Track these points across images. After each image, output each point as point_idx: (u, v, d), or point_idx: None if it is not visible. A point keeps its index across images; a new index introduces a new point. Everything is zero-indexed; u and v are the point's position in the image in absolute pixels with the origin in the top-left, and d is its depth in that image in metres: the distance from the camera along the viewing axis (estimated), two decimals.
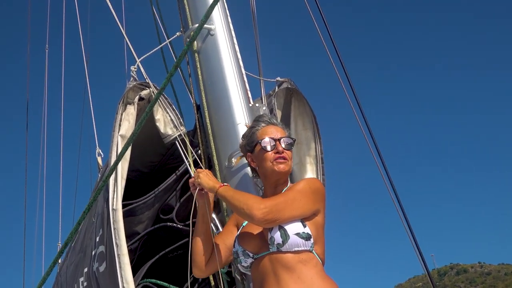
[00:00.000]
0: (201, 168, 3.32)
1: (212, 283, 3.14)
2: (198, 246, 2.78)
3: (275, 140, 2.74)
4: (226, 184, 2.74)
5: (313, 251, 2.56)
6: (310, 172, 3.73)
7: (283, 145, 2.73)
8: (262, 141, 2.74)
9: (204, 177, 2.76)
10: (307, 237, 2.53)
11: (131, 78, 3.59)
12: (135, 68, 3.62)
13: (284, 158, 2.72)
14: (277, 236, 2.53)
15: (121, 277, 3.03)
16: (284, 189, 2.75)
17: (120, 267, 3.04)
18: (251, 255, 2.64)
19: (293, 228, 2.53)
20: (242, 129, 3.19)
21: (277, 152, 2.72)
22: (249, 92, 3.40)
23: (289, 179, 2.86)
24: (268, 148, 2.72)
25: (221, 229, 3.01)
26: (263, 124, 2.83)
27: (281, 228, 2.53)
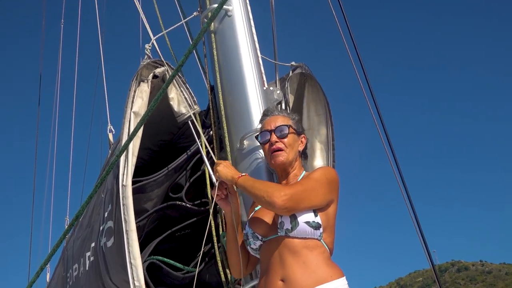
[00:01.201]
0: (212, 148, 3.32)
1: (219, 263, 3.15)
2: (231, 254, 2.86)
3: (269, 131, 2.78)
4: (245, 174, 2.72)
5: (321, 240, 2.58)
6: (320, 158, 3.72)
7: (277, 135, 2.75)
8: (259, 136, 2.85)
9: (223, 168, 2.75)
10: (316, 226, 2.55)
11: (146, 56, 3.58)
12: (149, 46, 3.61)
13: (279, 149, 2.74)
14: (287, 221, 2.55)
15: (129, 252, 3.04)
16: (300, 177, 2.76)
17: (128, 243, 3.05)
18: (260, 237, 2.68)
19: (304, 217, 2.55)
20: (255, 112, 3.19)
21: (271, 144, 2.76)
22: (263, 75, 3.39)
23: (303, 164, 2.89)
24: (263, 141, 2.82)
25: None
26: (266, 118, 2.87)
27: (292, 215, 2.54)
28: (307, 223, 2.53)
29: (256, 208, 2.80)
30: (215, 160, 3.28)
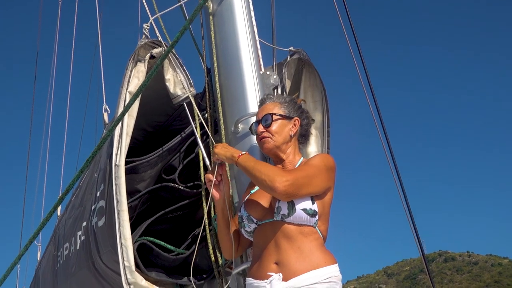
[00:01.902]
0: (207, 131, 3.31)
1: (210, 246, 3.16)
2: (222, 239, 2.89)
3: (257, 122, 2.85)
4: (245, 152, 2.71)
5: (316, 227, 2.60)
6: (315, 145, 3.73)
7: (263, 124, 2.80)
8: (251, 127, 2.95)
9: (222, 148, 2.76)
10: (312, 214, 2.57)
11: (143, 36, 3.55)
12: (147, 25, 3.57)
13: (264, 137, 2.79)
14: (284, 207, 2.57)
15: (120, 232, 3.03)
16: (298, 164, 2.78)
17: (119, 223, 3.04)
18: (255, 220, 2.69)
19: (302, 204, 2.56)
20: (251, 95, 3.18)
21: (258, 134, 2.83)
22: (261, 60, 3.38)
23: (300, 148, 2.91)
24: (253, 132, 2.91)
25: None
26: (258, 109, 2.95)
27: (290, 201, 2.56)
28: (304, 210, 2.55)
29: (252, 191, 2.82)
30: (210, 142, 3.28)
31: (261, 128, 2.80)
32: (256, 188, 2.81)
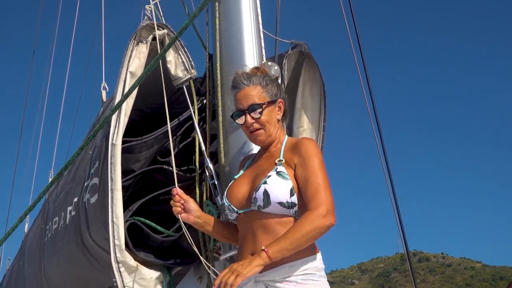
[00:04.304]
0: (205, 117, 3.33)
1: (200, 232, 3.18)
2: (216, 235, 2.88)
3: (243, 112, 2.68)
4: (265, 249, 2.38)
5: (296, 217, 2.52)
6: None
7: (251, 115, 2.66)
8: (234, 115, 2.73)
9: (246, 267, 2.34)
10: (290, 206, 2.50)
11: (145, 17, 3.55)
12: (150, 7, 3.57)
13: (256, 129, 2.67)
14: (260, 198, 2.51)
15: (112, 211, 3.05)
16: (283, 145, 2.68)
17: (112, 201, 3.06)
18: (235, 210, 2.66)
19: (277, 196, 2.49)
20: None
21: (247, 126, 2.68)
22: (263, 50, 3.39)
23: (284, 125, 2.85)
24: (238, 122, 2.71)
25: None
26: (236, 91, 2.74)
27: (265, 193, 2.50)
28: (280, 203, 2.49)
29: (236, 176, 2.79)
30: (207, 128, 3.30)
31: (250, 119, 2.65)
32: (240, 173, 2.79)
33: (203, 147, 3.26)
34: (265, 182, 2.51)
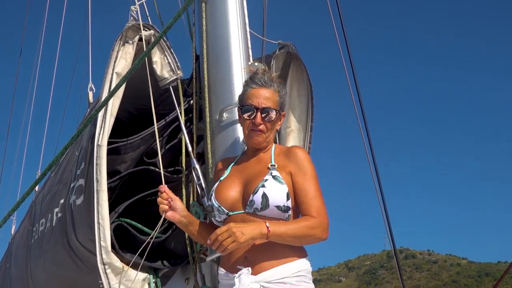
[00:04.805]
0: (191, 118, 3.32)
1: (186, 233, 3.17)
2: (197, 237, 2.86)
3: (256, 109, 2.68)
4: (268, 226, 2.46)
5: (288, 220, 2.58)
6: (297, 139, 3.76)
7: (263, 116, 2.68)
8: (244, 107, 2.72)
9: (245, 230, 2.43)
10: (285, 210, 2.55)
11: (131, 18, 3.53)
12: (135, 8, 3.55)
13: (261, 131, 2.69)
14: (258, 201, 2.54)
15: (97, 212, 3.04)
16: (272, 151, 2.73)
17: (97, 202, 3.05)
18: (225, 211, 2.65)
19: (276, 200, 2.54)
20: (237, 85, 3.19)
21: (254, 124, 2.69)
22: (250, 50, 3.39)
23: (275, 138, 2.92)
24: (246, 116, 2.71)
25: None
26: (254, 86, 2.74)
27: (264, 196, 2.53)
28: (278, 207, 2.54)
29: (222, 177, 2.78)
30: (194, 129, 3.29)
31: (259, 119, 2.67)
32: (225, 174, 2.78)
33: (190, 148, 3.25)
34: (263, 186, 2.56)
